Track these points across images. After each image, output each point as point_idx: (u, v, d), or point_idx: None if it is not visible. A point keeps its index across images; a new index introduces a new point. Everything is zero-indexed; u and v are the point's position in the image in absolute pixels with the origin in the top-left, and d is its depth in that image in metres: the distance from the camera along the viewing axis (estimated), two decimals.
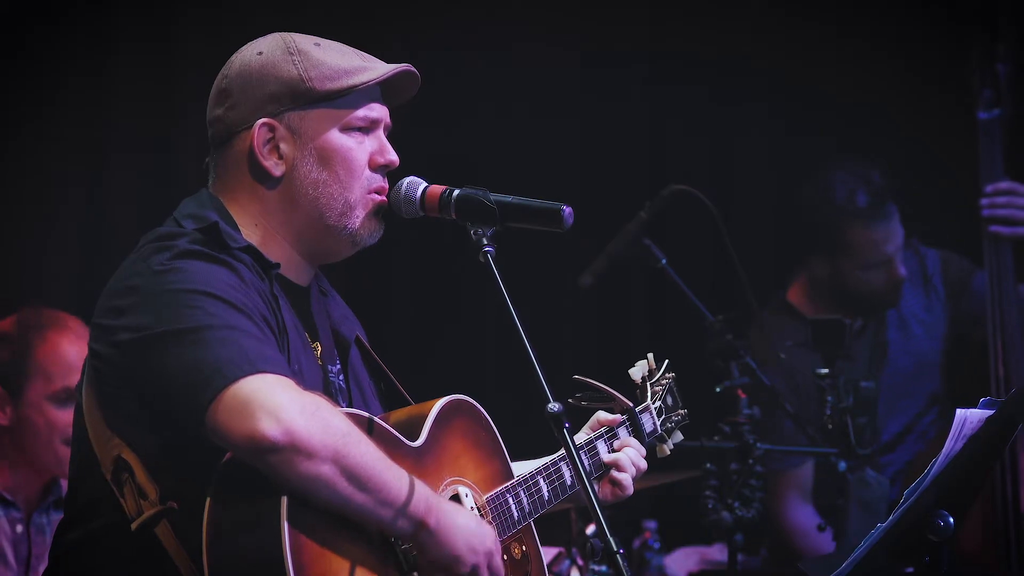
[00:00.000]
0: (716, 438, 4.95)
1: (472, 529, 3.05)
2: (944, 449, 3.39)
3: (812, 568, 3.58)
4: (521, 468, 3.40)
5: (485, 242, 3.14)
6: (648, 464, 3.62)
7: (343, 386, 3.32)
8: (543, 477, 3.37)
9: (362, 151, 3.25)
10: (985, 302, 5.42)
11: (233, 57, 3.28)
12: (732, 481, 4.90)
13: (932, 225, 5.97)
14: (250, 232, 3.22)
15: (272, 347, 3.02)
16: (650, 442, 3.70)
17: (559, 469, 3.41)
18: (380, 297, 6.30)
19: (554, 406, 2.95)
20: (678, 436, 3.79)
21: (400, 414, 3.28)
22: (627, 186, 6.43)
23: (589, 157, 6.62)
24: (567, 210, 3.18)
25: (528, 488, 3.33)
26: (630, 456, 3.56)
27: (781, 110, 6.51)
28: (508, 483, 3.31)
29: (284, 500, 2.88)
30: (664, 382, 3.78)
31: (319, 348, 3.28)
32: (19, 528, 4.85)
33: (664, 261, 5.18)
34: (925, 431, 5.84)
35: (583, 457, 3.49)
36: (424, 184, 3.27)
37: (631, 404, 3.64)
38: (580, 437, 3.59)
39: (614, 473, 3.53)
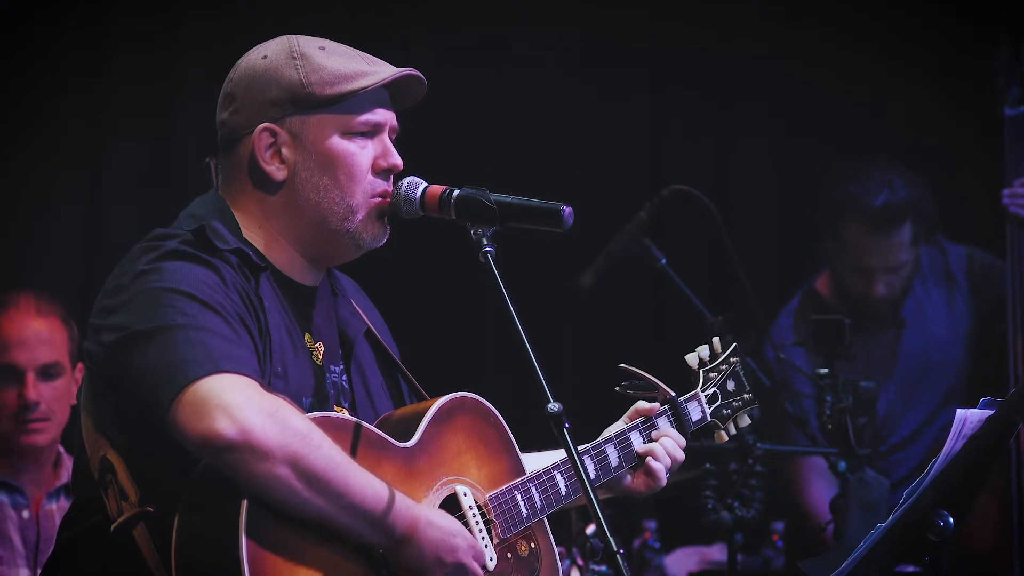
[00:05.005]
0: None
1: (441, 540, 3.04)
2: (944, 449, 3.40)
3: (812, 568, 3.57)
4: (538, 460, 3.38)
5: (485, 242, 3.13)
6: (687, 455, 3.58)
7: (346, 386, 3.30)
8: (560, 472, 3.35)
9: (364, 156, 3.24)
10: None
11: (240, 60, 3.28)
12: (732, 481, 4.90)
13: (952, 223, 6.00)
14: (253, 234, 3.22)
15: (243, 348, 3.02)
16: (698, 429, 3.65)
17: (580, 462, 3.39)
18: (380, 297, 6.28)
19: (554, 406, 2.95)
20: (745, 420, 3.73)
21: (399, 414, 3.27)
22: (627, 186, 6.43)
23: (589, 157, 6.62)
24: (567, 210, 3.17)
25: (541, 484, 3.31)
26: (666, 447, 3.51)
27: (781, 110, 6.51)
28: (517, 480, 3.29)
29: (244, 507, 2.87)
30: (724, 367, 3.73)
31: (321, 348, 3.28)
32: (26, 514, 4.88)
33: (664, 261, 5.18)
34: (944, 427, 5.84)
35: (611, 450, 3.47)
36: (424, 184, 3.27)
37: (673, 394, 3.60)
38: (615, 427, 3.56)
39: (649, 461, 3.49)
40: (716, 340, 3.76)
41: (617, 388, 3.58)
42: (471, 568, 3.08)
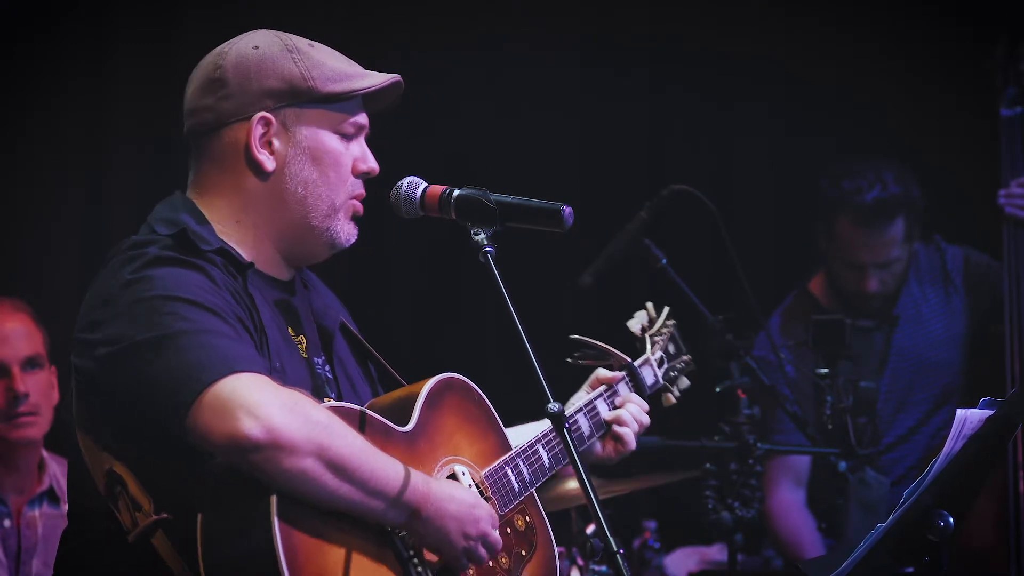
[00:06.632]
0: (716, 438, 4.95)
1: (464, 513, 3.07)
2: (944, 449, 3.39)
3: (812, 568, 3.57)
4: (519, 433, 3.43)
5: (485, 242, 3.14)
6: (653, 423, 3.67)
7: (330, 377, 3.32)
8: (542, 445, 3.40)
9: (348, 156, 3.27)
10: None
11: (225, 49, 3.26)
12: (732, 481, 4.90)
13: (949, 223, 6.00)
14: (228, 230, 3.21)
15: (248, 346, 3.03)
16: (653, 393, 3.73)
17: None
18: (381, 297, 6.31)
19: (554, 406, 2.96)
20: (685, 382, 3.83)
21: (390, 398, 3.29)
22: (627, 186, 6.43)
23: (589, 157, 6.62)
24: (567, 210, 3.18)
25: (527, 458, 3.36)
26: (632, 412, 3.61)
27: (781, 110, 6.51)
28: (506, 456, 3.33)
29: (274, 499, 2.88)
30: (664, 331, 3.82)
31: (304, 341, 3.29)
32: (7, 523, 4.87)
33: (664, 261, 5.18)
34: (940, 426, 5.85)
35: (582, 419, 3.54)
36: (424, 184, 3.27)
37: (629, 359, 3.67)
38: (580, 397, 3.61)
39: (616, 428, 3.59)
40: (650, 305, 3.84)
41: (569, 360, 3.62)
42: (492, 538, 3.12)
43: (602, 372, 3.67)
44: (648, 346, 3.77)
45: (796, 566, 5.73)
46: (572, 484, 4.86)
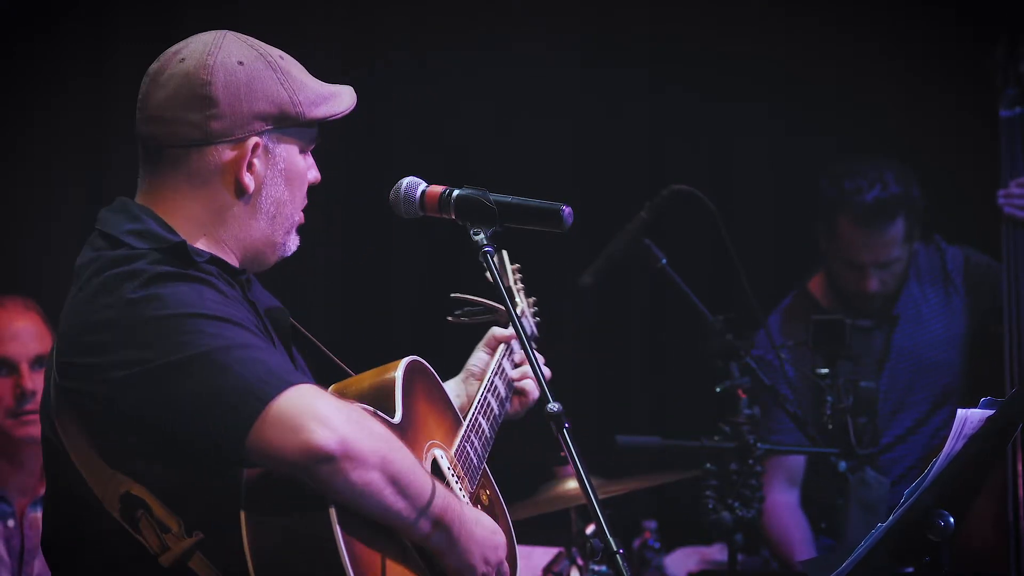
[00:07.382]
0: (716, 438, 4.95)
1: (487, 539, 3.09)
2: (944, 449, 3.40)
3: (812, 568, 3.57)
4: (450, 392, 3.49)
5: (485, 242, 3.14)
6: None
7: None
8: (481, 415, 3.45)
9: (306, 172, 3.25)
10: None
11: (207, 60, 3.18)
12: (732, 481, 4.90)
13: (950, 223, 6.01)
14: (197, 242, 3.14)
15: (282, 356, 3.02)
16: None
17: (487, 401, 3.51)
18: (381, 297, 6.31)
19: (554, 406, 2.96)
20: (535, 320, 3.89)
21: (361, 386, 3.24)
22: (627, 186, 6.43)
23: (588, 158, 6.62)
24: (567, 210, 3.18)
25: (475, 431, 3.39)
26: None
27: (781, 110, 6.51)
28: (461, 432, 3.36)
29: (333, 510, 2.86)
30: (517, 276, 3.89)
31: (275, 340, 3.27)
32: (11, 523, 4.88)
33: (664, 261, 5.18)
34: (940, 426, 5.85)
35: (499, 383, 3.57)
36: (423, 184, 3.27)
37: (516, 313, 3.67)
38: (481, 359, 3.66)
39: (519, 383, 3.65)
40: (490, 252, 3.84)
41: (450, 319, 3.62)
42: (504, 568, 3.15)
43: (498, 330, 3.68)
44: (517, 296, 3.82)
45: (793, 567, 5.75)
46: (572, 484, 4.88)
